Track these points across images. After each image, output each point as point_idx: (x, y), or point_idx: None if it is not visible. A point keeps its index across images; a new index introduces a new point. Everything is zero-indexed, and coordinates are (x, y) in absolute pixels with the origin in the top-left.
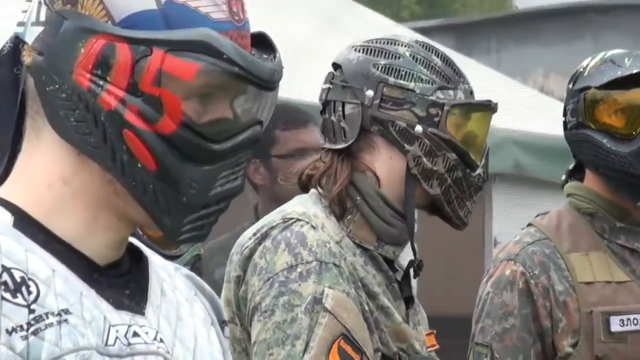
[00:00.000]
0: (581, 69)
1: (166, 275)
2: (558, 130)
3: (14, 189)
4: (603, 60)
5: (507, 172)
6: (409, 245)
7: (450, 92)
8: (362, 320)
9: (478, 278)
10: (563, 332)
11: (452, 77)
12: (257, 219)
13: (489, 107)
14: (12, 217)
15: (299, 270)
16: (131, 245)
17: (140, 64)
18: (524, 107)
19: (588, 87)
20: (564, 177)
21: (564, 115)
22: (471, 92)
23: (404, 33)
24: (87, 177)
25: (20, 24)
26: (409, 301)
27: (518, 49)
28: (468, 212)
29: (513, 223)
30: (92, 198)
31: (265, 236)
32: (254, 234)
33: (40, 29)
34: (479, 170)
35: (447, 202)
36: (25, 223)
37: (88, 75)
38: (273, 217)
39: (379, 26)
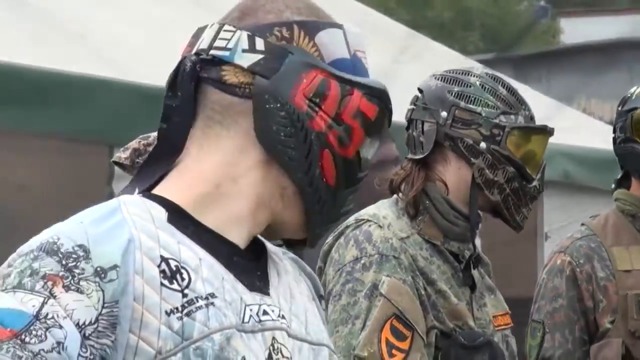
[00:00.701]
0: (629, 94)
1: (278, 260)
2: (597, 144)
3: (174, 187)
4: None
5: (556, 179)
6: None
7: (512, 116)
8: (416, 303)
9: (532, 265)
10: (603, 311)
11: (515, 104)
12: None
13: (544, 131)
14: (166, 213)
15: (362, 262)
16: None
17: (345, 100)
18: (570, 125)
19: (635, 108)
20: (613, 185)
21: (614, 132)
22: (531, 118)
23: (458, 58)
24: (259, 180)
25: (219, 48)
26: (473, 287)
27: (565, 78)
28: (524, 217)
29: (560, 221)
30: (257, 197)
31: (341, 234)
32: (334, 232)
33: (259, 56)
34: (535, 183)
35: (506, 208)
36: (178, 217)
37: (307, 101)
38: (350, 218)
39: (448, 56)
